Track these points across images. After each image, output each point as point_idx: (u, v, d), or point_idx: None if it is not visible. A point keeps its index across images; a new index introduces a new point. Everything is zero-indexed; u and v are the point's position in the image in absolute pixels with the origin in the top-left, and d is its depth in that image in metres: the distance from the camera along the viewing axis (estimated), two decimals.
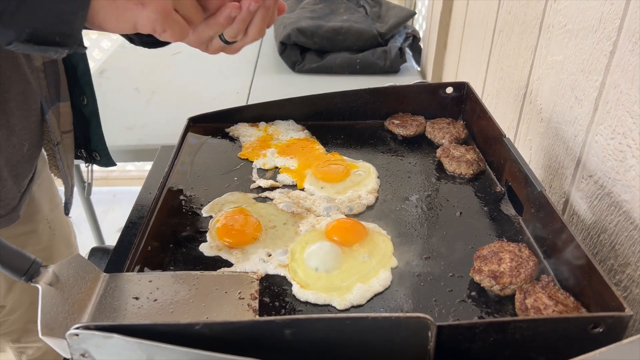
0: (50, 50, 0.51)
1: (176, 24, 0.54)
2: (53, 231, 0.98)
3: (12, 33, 0.49)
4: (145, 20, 0.52)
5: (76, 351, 0.45)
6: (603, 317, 0.46)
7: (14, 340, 0.99)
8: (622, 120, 0.63)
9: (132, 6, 0.52)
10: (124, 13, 0.52)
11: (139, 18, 0.52)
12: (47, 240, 0.96)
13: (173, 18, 0.54)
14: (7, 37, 0.49)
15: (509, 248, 0.62)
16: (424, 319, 0.44)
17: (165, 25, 0.54)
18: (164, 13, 0.53)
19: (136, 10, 0.52)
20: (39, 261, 0.51)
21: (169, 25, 0.54)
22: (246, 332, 0.45)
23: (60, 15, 0.50)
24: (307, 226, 0.69)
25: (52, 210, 0.98)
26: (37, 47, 0.50)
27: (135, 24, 0.53)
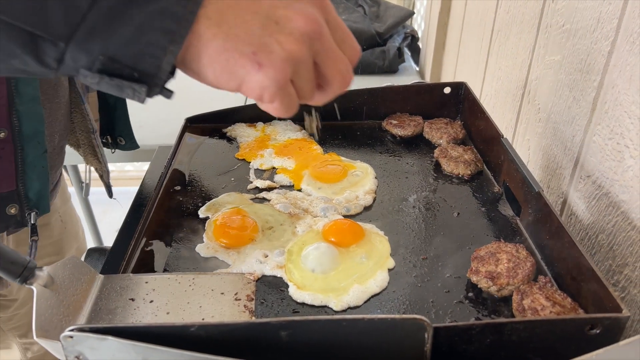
0: (126, 88, 0.41)
1: (287, 98, 0.44)
2: (64, 225, 1.00)
3: (84, 58, 0.39)
4: (255, 84, 0.42)
5: (71, 353, 0.44)
6: (600, 319, 0.46)
7: (20, 335, 1.00)
8: (620, 121, 0.63)
9: (246, 63, 0.41)
10: (233, 68, 0.41)
11: (249, 79, 0.42)
12: (58, 233, 0.98)
13: (287, 90, 0.43)
14: (77, 61, 0.39)
15: (507, 249, 0.61)
16: (420, 321, 0.44)
17: (276, 96, 0.43)
18: (281, 82, 0.42)
19: (249, 69, 0.41)
20: (33, 263, 0.51)
21: (279, 97, 0.43)
22: (242, 334, 0.45)
23: (145, 45, 0.39)
24: (304, 227, 0.69)
25: (64, 204, 1.00)
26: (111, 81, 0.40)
27: (242, 85, 0.42)
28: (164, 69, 0.40)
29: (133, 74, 0.40)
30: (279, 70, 0.41)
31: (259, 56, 0.41)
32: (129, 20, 0.38)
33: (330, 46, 0.44)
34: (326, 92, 0.47)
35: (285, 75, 0.42)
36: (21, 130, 0.71)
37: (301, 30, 0.42)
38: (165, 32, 0.39)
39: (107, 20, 0.38)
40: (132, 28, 0.39)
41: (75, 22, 0.38)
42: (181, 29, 0.40)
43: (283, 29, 0.41)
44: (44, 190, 0.76)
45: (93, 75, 0.40)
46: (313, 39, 0.43)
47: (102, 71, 0.40)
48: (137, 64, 0.40)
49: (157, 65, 0.40)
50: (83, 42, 0.38)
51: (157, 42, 0.39)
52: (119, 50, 0.39)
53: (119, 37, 0.39)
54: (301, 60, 0.42)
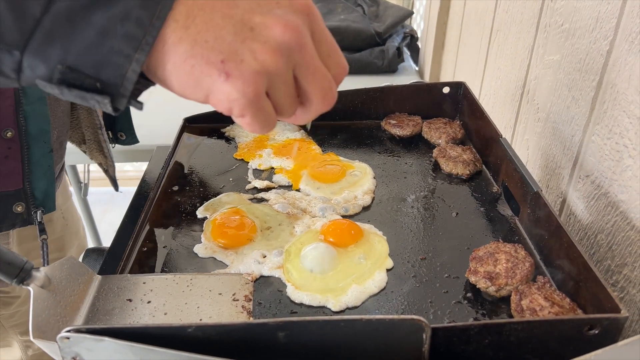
0: (89, 99, 0.37)
1: (261, 113, 0.39)
2: (66, 222, 1.00)
3: (42, 67, 0.36)
4: (222, 95, 0.38)
5: (67, 354, 0.44)
6: (599, 319, 0.46)
7: (22, 333, 1.00)
8: (619, 120, 0.63)
9: (213, 72, 0.37)
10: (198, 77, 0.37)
11: (215, 90, 0.38)
12: (60, 230, 0.98)
13: (260, 104, 0.39)
14: (34, 70, 0.36)
15: (505, 249, 0.61)
16: (418, 321, 0.44)
17: (246, 110, 0.39)
18: (250, 95, 0.38)
19: (216, 78, 0.37)
20: (30, 263, 0.50)
21: (250, 111, 0.39)
22: (239, 335, 0.45)
23: (107, 53, 0.36)
24: (303, 227, 0.69)
25: (65, 201, 1.01)
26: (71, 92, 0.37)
27: (209, 96, 0.39)
28: (129, 78, 0.37)
29: (95, 84, 0.37)
30: (248, 82, 0.37)
31: (228, 65, 0.37)
32: (88, 25, 0.35)
33: (311, 59, 0.40)
34: (306, 109, 0.43)
35: (256, 88, 0.38)
36: (27, 129, 0.72)
37: (278, 39, 0.38)
38: (129, 39, 0.36)
39: (64, 25, 0.35)
40: (92, 33, 0.35)
41: (28, 28, 0.35)
42: (147, 35, 0.36)
43: (258, 37, 0.37)
44: (49, 189, 0.77)
45: (52, 87, 0.37)
46: (292, 49, 0.38)
47: (61, 81, 0.36)
48: (99, 73, 0.36)
49: (121, 74, 0.37)
50: (39, 50, 0.35)
51: (121, 49, 0.36)
52: (79, 58, 0.36)
53: (78, 43, 0.35)
54: (276, 73, 0.38)
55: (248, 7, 0.38)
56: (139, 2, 0.35)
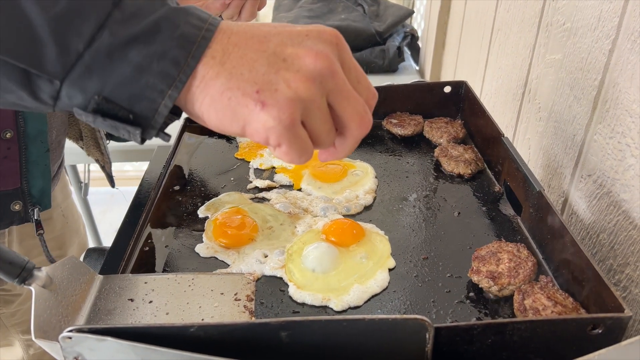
0: (120, 129, 0.39)
1: (298, 141, 0.40)
2: (66, 219, 1.01)
3: (79, 96, 0.38)
4: (258, 124, 0.39)
5: (69, 354, 0.44)
6: (602, 319, 0.45)
7: (23, 332, 1.00)
8: (621, 119, 0.63)
9: (249, 102, 0.38)
10: (235, 108, 0.39)
11: (252, 120, 0.39)
12: (60, 228, 0.99)
13: (296, 132, 0.39)
14: (72, 99, 0.38)
15: (508, 248, 0.61)
16: (421, 321, 0.44)
17: (283, 138, 0.39)
18: (286, 122, 0.38)
19: (252, 108, 0.38)
20: (31, 263, 0.50)
21: (287, 139, 0.39)
22: (241, 335, 0.45)
23: (142, 89, 0.38)
24: (304, 227, 0.69)
25: (65, 199, 1.02)
26: (104, 122, 0.39)
27: (245, 126, 0.39)
28: (160, 112, 0.39)
29: (128, 115, 0.39)
30: (283, 109, 0.38)
31: (263, 95, 0.38)
32: (126, 61, 0.37)
33: (344, 85, 0.41)
34: (345, 137, 0.43)
35: (292, 114, 0.38)
36: (26, 130, 0.74)
37: (310, 67, 0.39)
38: (164, 76, 0.38)
39: (104, 60, 0.37)
40: (129, 69, 0.37)
41: (70, 61, 0.37)
42: (181, 74, 0.38)
43: (290, 67, 0.39)
44: (46, 187, 0.79)
45: (87, 115, 0.39)
46: (324, 76, 0.39)
47: (96, 111, 0.38)
48: (133, 106, 0.38)
49: (154, 108, 0.39)
50: (78, 81, 0.37)
51: (155, 85, 0.38)
52: (115, 90, 0.38)
53: (116, 77, 0.37)
54: (310, 99, 0.39)
55: (279, 41, 0.40)
56: (176, 42, 0.38)
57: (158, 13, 0.38)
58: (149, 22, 0.37)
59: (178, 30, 0.38)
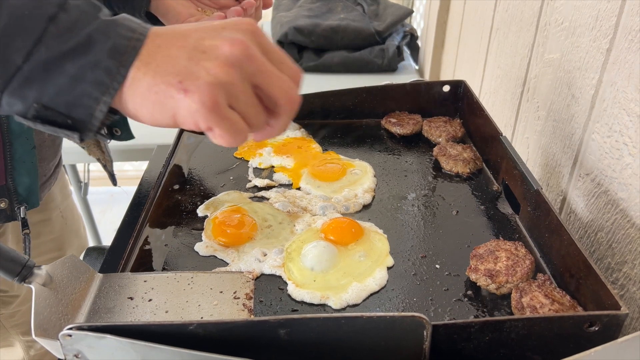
0: (60, 133, 0.43)
1: (227, 122, 0.42)
2: (65, 221, 1.00)
3: (19, 104, 0.41)
4: (185, 111, 0.41)
5: (69, 352, 0.44)
6: (599, 316, 0.46)
7: (23, 333, 1.00)
8: (619, 118, 0.63)
9: (173, 93, 0.41)
10: (163, 100, 0.42)
11: (179, 108, 0.42)
12: (59, 229, 0.98)
13: (223, 114, 0.42)
14: (12, 106, 0.42)
15: (505, 247, 0.61)
16: (419, 318, 0.44)
17: (210, 121, 0.42)
18: (209, 105, 0.41)
19: (177, 97, 0.41)
20: (32, 262, 0.51)
21: (215, 121, 0.42)
22: (240, 332, 0.45)
23: (78, 96, 0.41)
24: (303, 225, 0.69)
25: (64, 199, 1.01)
26: (45, 127, 0.42)
27: (175, 116, 0.42)
28: (97, 117, 0.42)
29: (67, 121, 0.42)
30: (205, 93, 0.41)
31: (185, 83, 0.41)
32: (62, 73, 0.40)
33: (265, 66, 0.44)
34: (278, 114, 0.46)
35: (213, 97, 0.41)
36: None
37: (227, 53, 0.42)
38: (97, 85, 0.41)
39: (42, 72, 0.40)
40: (65, 79, 0.41)
41: (10, 73, 0.40)
42: (114, 82, 0.41)
43: (210, 57, 0.42)
44: (33, 185, 0.77)
45: (27, 120, 0.42)
46: (242, 61, 0.42)
47: (36, 117, 0.41)
48: (71, 112, 0.42)
49: (90, 114, 0.42)
50: (18, 91, 0.40)
51: (90, 93, 0.41)
52: (53, 99, 0.41)
53: (53, 87, 0.41)
54: (231, 83, 0.42)
55: (198, 36, 0.43)
56: (107, 53, 0.41)
57: (91, 26, 0.41)
58: (82, 36, 0.40)
59: (109, 42, 0.41)
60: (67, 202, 1.03)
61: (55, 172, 0.91)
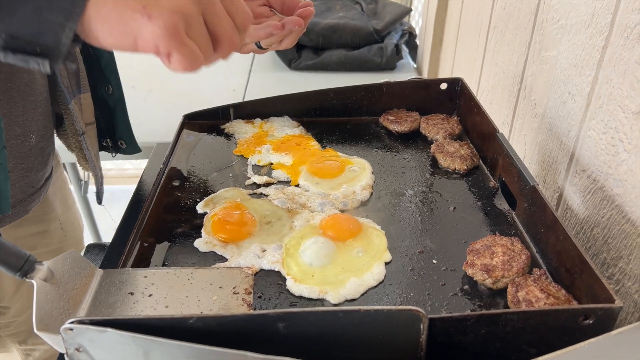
0: (30, 62, 0.45)
1: (185, 48, 0.46)
2: (64, 232, 0.98)
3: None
4: (148, 34, 0.45)
5: (71, 346, 0.45)
6: (593, 309, 0.46)
7: (20, 342, 0.99)
8: (614, 115, 0.64)
9: (137, 16, 0.44)
10: (126, 22, 0.44)
11: (141, 31, 0.45)
12: (57, 241, 0.96)
13: (182, 40, 0.45)
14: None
15: (502, 242, 0.62)
16: (415, 312, 0.45)
17: (171, 46, 0.45)
18: (171, 30, 0.44)
19: (140, 21, 0.44)
20: (33, 257, 0.51)
21: (175, 46, 0.45)
22: (239, 326, 0.46)
23: (43, 23, 0.43)
24: (302, 222, 0.70)
25: (65, 211, 0.98)
26: (15, 56, 0.44)
27: (137, 39, 0.45)
28: (63, 42, 0.44)
29: (35, 48, 0.44)
30: (167, 19, 0.44)
31: (149, 9, 0.44)
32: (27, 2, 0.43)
33: (216, 5, 0.48)
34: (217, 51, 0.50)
35: (175, 24, 0.44)
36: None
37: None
38: (61, 11, 0.44)
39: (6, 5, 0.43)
40: (30, 8, 0.43)
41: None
42: (76, 7, 0.44)
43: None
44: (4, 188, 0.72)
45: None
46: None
47: (5, 47, 0.44)
48: (38, 39, 0.44)
49: (57, 40, 0.44)
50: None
51: (54, 19, 0.44)
52: (20, 28, 0.43)
53: (19, 17, 0.43)
54: (189, 13, 0.45)
55: None
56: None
57: None
58: None
59: None
60: (69, 214, 1.00)
61: (47, 183, 0.87)
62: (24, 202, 0.81)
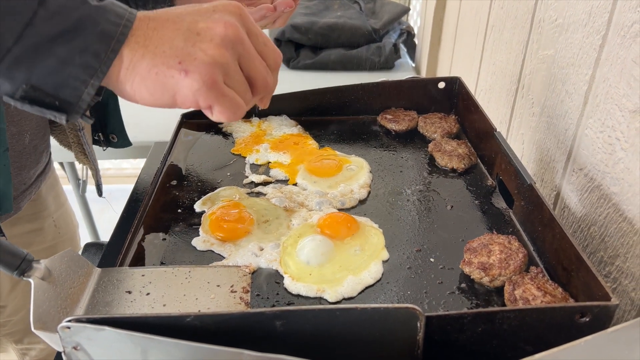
0: (47, 114, 0.44)
1: (226, 99, 0.46)
2: (58, 229, 0.98)
3: (7, 85, 0.42)
4: (186, 90, 0.44)
5: (68, 344, 0.45)
6: (589, 307, 0.46)
7: (16, 341, 0.99)
8: (611, 114, 0.64)
9: (174, 73, 0.44)
10: (163, 80, 0.44)
11: (180, 87, 0.44)
12: (52, 238, 0.96)
13: (221, 91, 0.45)
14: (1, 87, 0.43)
15: (499, 240, 0.62)
16: (412, 310, 0.45)
17: (211, 98, 0.45)
18: (209, 83, 0.44)
19: (178, 77, 0.44)
20: (30, 256, 0.51)
21: (215, 98, 0.45)
22: (237, 324, 0.46)
23: (67, 78, 0.42)
24: (300, 220, 0.70)
25: (58, 208, 0.99)
26: (32, 107, 0.43)
27: (176, 95, 0.45)
28: (84, 99, 0.43)
29: (54, 102, 0.43)
30: (204, 72, 0.44)
31: (184, 64, 0.44)
32: (51, 55, 0.41)
33: (251, 50, 0.47)
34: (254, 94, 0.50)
35: (212, 76, 0.44)
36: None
37: (221, 35, 0.45)
38: (86, 68, 0.42)
39: (32, 54, 0.41)
40: (54, 62, 0.42)
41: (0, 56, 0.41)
42: (102, 65, 0.43)
43: (204, 38, 0.45)
44: (6, 189, 0.73)
45: (15, 101, 0.43)
46: (234, 42, 0.46)
47: (24, 98, 0.42)
48: (58, 93, 0.43)
49: (78, 96, 0.43)
50: (6, 71, 0.41)
51: (78, 76, 0.42)
52: (42, 80, 0.42)
53: (42, 68, 0.42)
54: (225, 63, 0.45)
55: (192, 19, 0.46)
56: (97, 37, 0.42)
57: (79, 11, 0.42)
58: (71, 20, 0.41)
59: (98, 27, 0.42)
60: (61, 210, 1.00)
61: (38, 180, 0.87)
62: (16, 199, 0.81)
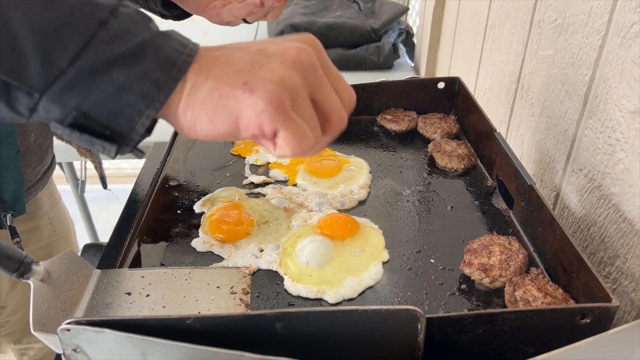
0: (96, 144, 0.40)
1: (292, 123, 0.40)
2: (54, 228, 0.98)
3: (57, 110, 0.38)
4: (250, 111, 0.39)
5: (68, 346, 0.45)
6: (590, 308, 0.46)
7: (15, 341, 0.99)
8: (611, 114, 0.64)
9: (238, 93, 0.39)
10: (225, 102, 0.39)
11: (243, 108, 0.39)
12: (47, 237, 0.97)
13: (288, 113, 0.39)
14: (49, 112, 0.39)
15: (499, 241, 0.62)
16: (413, 311, 0.45)
17: (277, 121, 0.39)
18: (276, 103, 0.39)
19: (241, 97, 0.39)
20: (30, 258, 0.51)
21: (282, 121, 0.39)
22: (237, 326, 0.46)
23: (122, 108, 0.39)
24: (299, 221, 0.70)
25: (53, 206, 0.99)
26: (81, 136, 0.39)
27: (238, 119, 0.40)
28: (137, 131, 0.40)
29: (105, 132, 0.39)
30: (271, 92, 0.39)
31: (250, 84, 0.39)
32: (108, 80, 0.38)
33: (325, 81, 0.42)
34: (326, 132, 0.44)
35: (279, 96, 0.39)
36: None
37: (293, 57, 0.41)
38: (143, 96, 0.39)
39: (87, 78, 0.38)
40: (111, 88, 0.38)
41: (52, 76, 0.37)
42: (160, 95, 0.39)
43: (274, 60, 0.40)
44: (19, 192, 0.74)
45: (63, 129, 0.39)
46: (307, 68, 0.41)
47: (73, 125, 0.39)
48: (111, 123, 0.39)
49: (131, 127, 0.39)
50: (58, 96, 0.38)
51: (134, 105, 0.39)
52: (94, 107, 0.38)
53: (97, 95, 0.38)
54: (295, 87, 0.40)
55: (261, 45, 0.42)
56: (159, 64, 0.39)
57: (142, 36, 0.39)
58: (134, 44, 0.38)
59: (162, 53, 0.39)
60: (56, 208, 1.00)
61: (43, 177, 0.88)
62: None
